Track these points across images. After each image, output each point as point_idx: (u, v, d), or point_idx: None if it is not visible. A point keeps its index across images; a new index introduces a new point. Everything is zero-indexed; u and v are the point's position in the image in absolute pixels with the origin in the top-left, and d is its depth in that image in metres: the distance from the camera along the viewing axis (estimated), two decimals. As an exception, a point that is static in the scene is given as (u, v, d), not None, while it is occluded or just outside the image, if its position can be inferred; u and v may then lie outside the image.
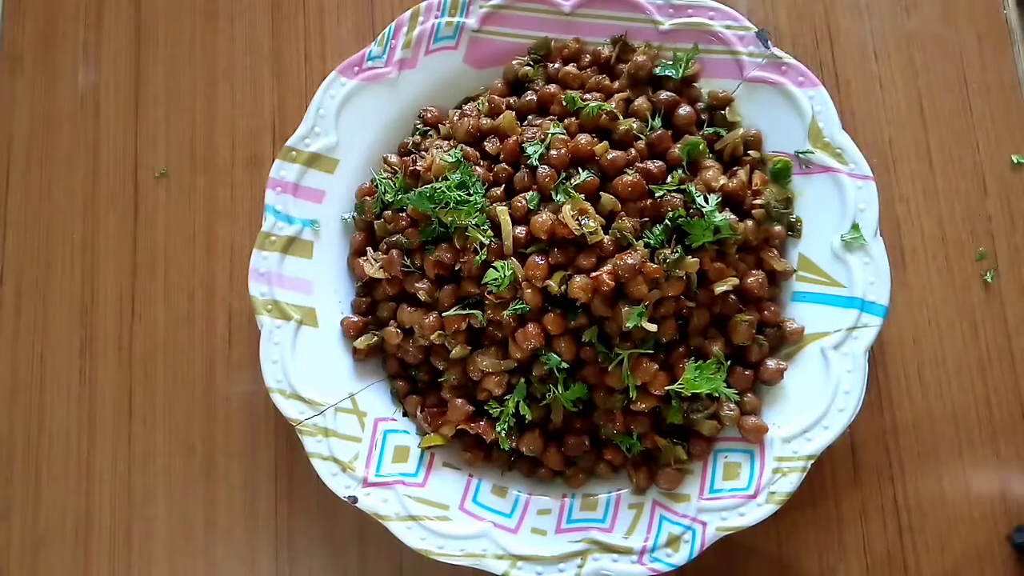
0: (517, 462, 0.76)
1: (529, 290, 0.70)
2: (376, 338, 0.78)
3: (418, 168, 0.77)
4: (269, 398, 0.75)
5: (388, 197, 0.78)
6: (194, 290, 0.88)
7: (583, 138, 0.73)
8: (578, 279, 0.69)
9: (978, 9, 0.88)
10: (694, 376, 0.69)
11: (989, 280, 0.82)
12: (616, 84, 0.79)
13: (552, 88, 0.78)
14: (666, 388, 0.70)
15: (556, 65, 0.81)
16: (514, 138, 0.75)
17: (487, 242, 0.71)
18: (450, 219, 0.73)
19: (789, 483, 0.69)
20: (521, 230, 0.71)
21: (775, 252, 0.75)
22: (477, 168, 0.75)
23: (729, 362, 0.72)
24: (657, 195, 0.72)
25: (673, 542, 0.70)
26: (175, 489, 0.83)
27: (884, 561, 0.77)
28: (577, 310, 0.71)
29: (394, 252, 0.76)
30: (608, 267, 0.69)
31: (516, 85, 0.82)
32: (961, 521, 0.77)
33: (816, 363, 0.72)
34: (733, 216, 0.73)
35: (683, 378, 0.69)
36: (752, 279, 0.73)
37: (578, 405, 0.73)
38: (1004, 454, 0.78)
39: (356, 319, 0.79)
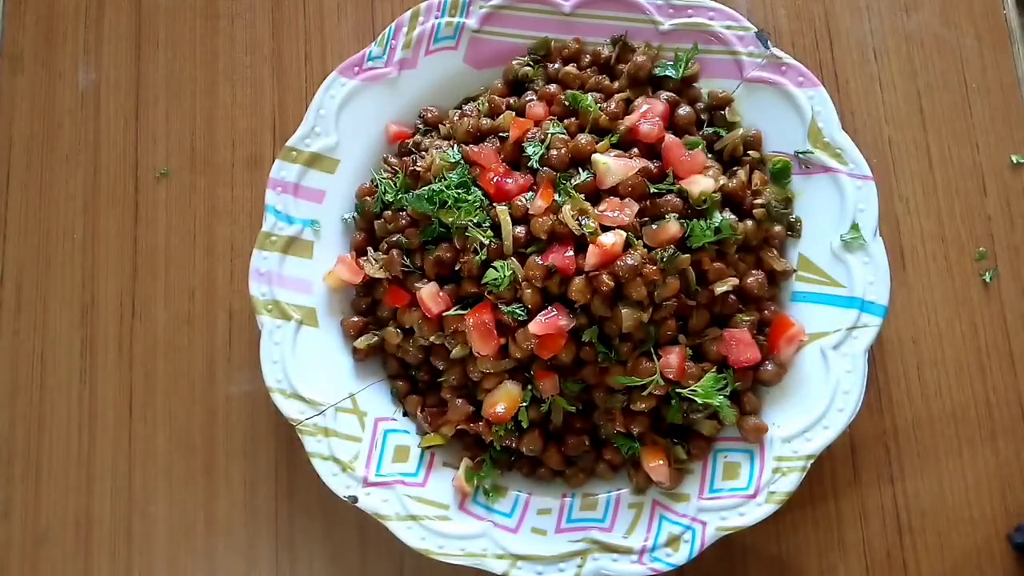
0: (517, 462, 0.76)
1: (529, 290, 0.70)
2: (376, 338, 0.78)
3: (418, 168, 0.77)
4: (269, 398, 0.75)
5: (388, 197, 0.78)
6: (194, 290, 0.88)
7: (583, 138, 0.73)
8: (577, 280, 0.69)
9: (977, 9, 0.88)
10: (712, 384, 0.69)
11: (988, 280, 0.82)
12: (616, 84, 0.79)
13: (552, 88, 0.78)
14: (679, 391, 0.70)
15: (556, 65, 0.81)
16: (515, 137, 0.75)
17: (487, 242, 0.72)
18: (450, 219, 0.73)
19: (789, 483, 0.69)
20: (521, 230, 0.72)
21: (775, 252, 0.75)
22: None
23: (737, 382, 0.72)
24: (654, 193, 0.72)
25: (673, 542, 0.70)
26: (175, 488, 0.83)
27: (884, 561, 0.77)
28: (577, 310, 0.71)
29: (394, 252, 0.76)
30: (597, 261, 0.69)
31: (516, 85, 0.82)
32: (961, 521, 0.77)
33: (816, 363, 0.72)
34: (733, 216, 0.73)
35: (700, 384, 0.69)
36: (752, 279, 0.73)
37: (578, 405, 0.73)
38: (1003, 454, 0.78)
39: (356, 319, 0.79)
